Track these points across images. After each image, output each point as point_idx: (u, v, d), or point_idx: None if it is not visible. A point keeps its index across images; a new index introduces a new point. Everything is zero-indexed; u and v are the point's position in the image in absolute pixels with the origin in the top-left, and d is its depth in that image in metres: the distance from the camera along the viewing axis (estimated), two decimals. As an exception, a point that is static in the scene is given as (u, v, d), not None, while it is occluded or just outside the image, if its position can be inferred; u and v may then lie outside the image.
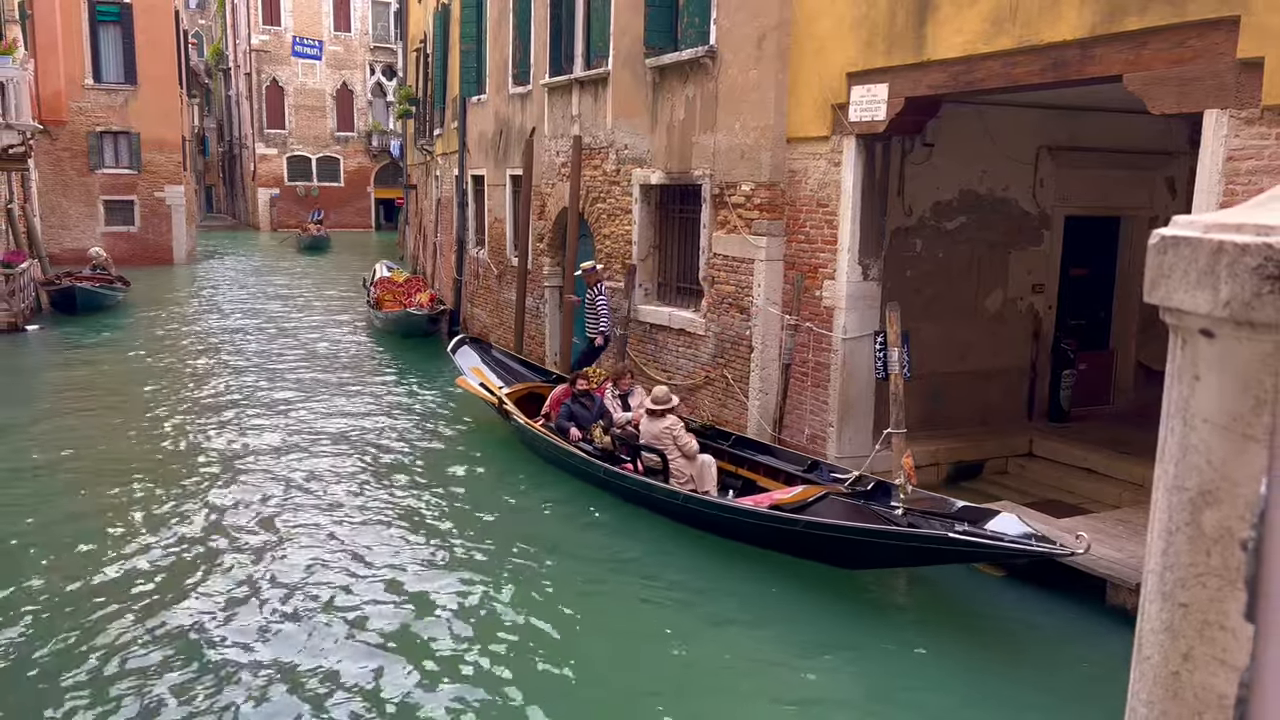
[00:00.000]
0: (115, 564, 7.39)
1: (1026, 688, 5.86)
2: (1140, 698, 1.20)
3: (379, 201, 49.26)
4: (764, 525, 7.32)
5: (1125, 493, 8.32)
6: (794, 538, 7.12)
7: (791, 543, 7.19)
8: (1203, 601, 1.07)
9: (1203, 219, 1.12)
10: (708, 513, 7.85)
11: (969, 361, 9.73)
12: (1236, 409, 1.03)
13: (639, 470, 8.68)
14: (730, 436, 9.35)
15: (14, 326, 17.61)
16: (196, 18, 54.46)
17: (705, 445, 8.89)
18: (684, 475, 8.39)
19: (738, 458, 9.00)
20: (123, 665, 5.85)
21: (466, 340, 13.15)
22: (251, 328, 19.65)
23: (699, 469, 8.45)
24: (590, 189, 12.70)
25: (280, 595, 6.89)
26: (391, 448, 10.86)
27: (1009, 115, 9.23)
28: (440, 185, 22.03)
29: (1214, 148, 5.64)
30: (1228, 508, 1.04)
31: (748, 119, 9.49)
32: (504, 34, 15.70)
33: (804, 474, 8.30)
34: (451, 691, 5.67)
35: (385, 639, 6.28)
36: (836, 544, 6.97)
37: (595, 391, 9.89)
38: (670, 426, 8.49)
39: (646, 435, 8.65)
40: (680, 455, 8.44)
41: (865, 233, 8.61)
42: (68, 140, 28.53)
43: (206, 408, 12.62)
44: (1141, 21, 5.99)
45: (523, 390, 11.24)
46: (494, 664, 6.02)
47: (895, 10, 7.82)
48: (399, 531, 8.26)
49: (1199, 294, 1.06)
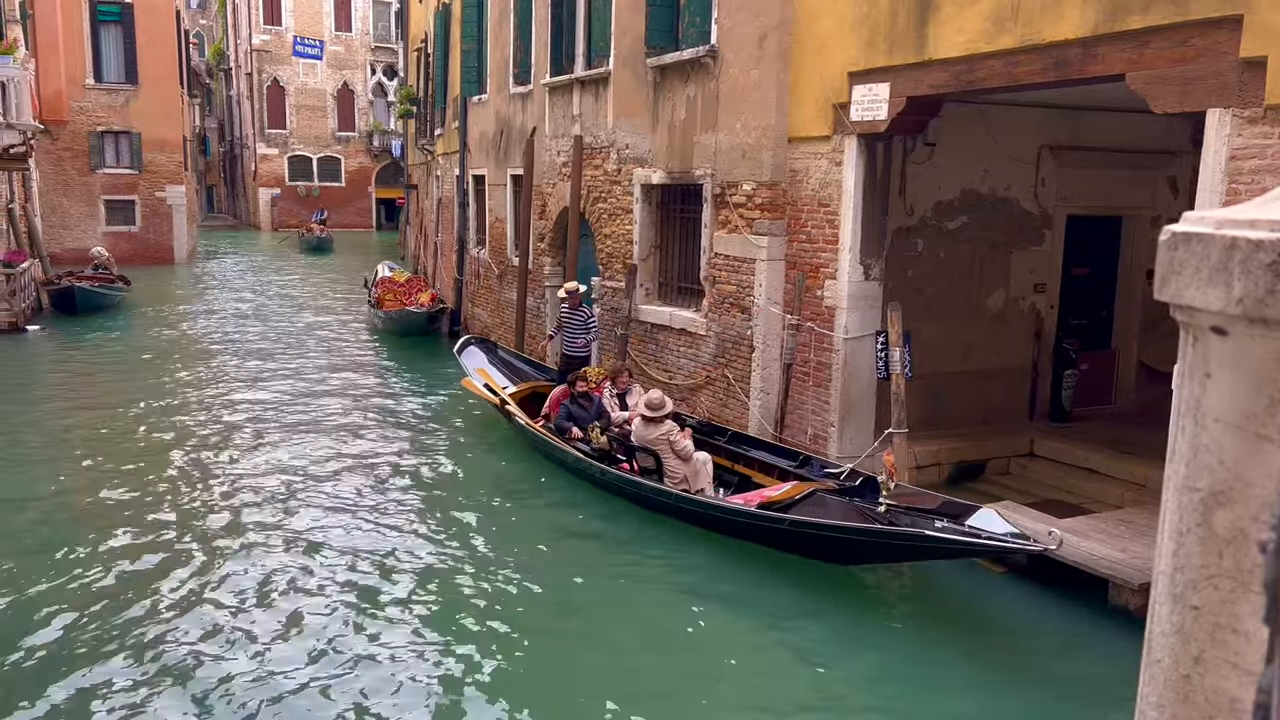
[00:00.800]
0: (116, 564, 7.37)
1: (1028, 687, 5.84)
2: (1150, 701, 1.18)
3: (380, 201, 49.23)
4: (753, 524, 7.44)
5: (1127, 493, 8.30)
6: (782, 535, 7.24)
7: (780, 540, 7.32)
8: (1215, 604, 1.05)
9: (1214, 214, 1.10)
10: (700, 512, 7.95)
11: (970, 361, 9.71)
12: (1250, 408, 1.01)
13: (634, 470, 8.73)
14: (726, 433, 9.41)
15: (15, 326, 17.60)
16: (197, 17, 54.48)
17: (701, 442, 8.94)
18: (678, 475, 8.43)
19: (734, 454, 9.05)
20: (122, 664, 5.84)
21: (473, 341, 13.20)
22: (251, 327, 19.64)
23: (695, 467, 8.47)
24: (591, 189, 12.69)
25: (279, 587, 6.92)
26: (391, 445, 10.87)
27: (1011, 114, 9.21)
28: (441, 185, 22.02)
29: (1217, 147, 5.62)
30: (1241, 509, 1.02)
31: (749, 118, 9.48)
32: (505, 33, 15.69)
33: (796, 469, 8.39)
34: (441, 674, 5.67)
35: (366, 623, 6.27)
36: (821, 541, 7.09)
37: (594, 391, 9.96)
38: (666, 433, 8.51)
39: (641, 439, 8.66)
40: (676, 457, 8.46)
41: (867, 232, 8.59)
42: (69, 140, 28.52)
43: (206, 406, 12.60)
44: (1144, 20, 5.97)
45: (526, 390, 11.31)
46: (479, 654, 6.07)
47: (897, 9, 7.80)
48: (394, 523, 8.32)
49: (1211, 291, 1.04)
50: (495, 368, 12.14)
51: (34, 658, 5.90)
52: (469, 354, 12.47)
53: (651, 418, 8.55)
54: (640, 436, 8.68)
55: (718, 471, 8.76)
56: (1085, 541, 6.99)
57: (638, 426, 8.75)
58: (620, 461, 8.98)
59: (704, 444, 8.95)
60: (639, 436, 8.70)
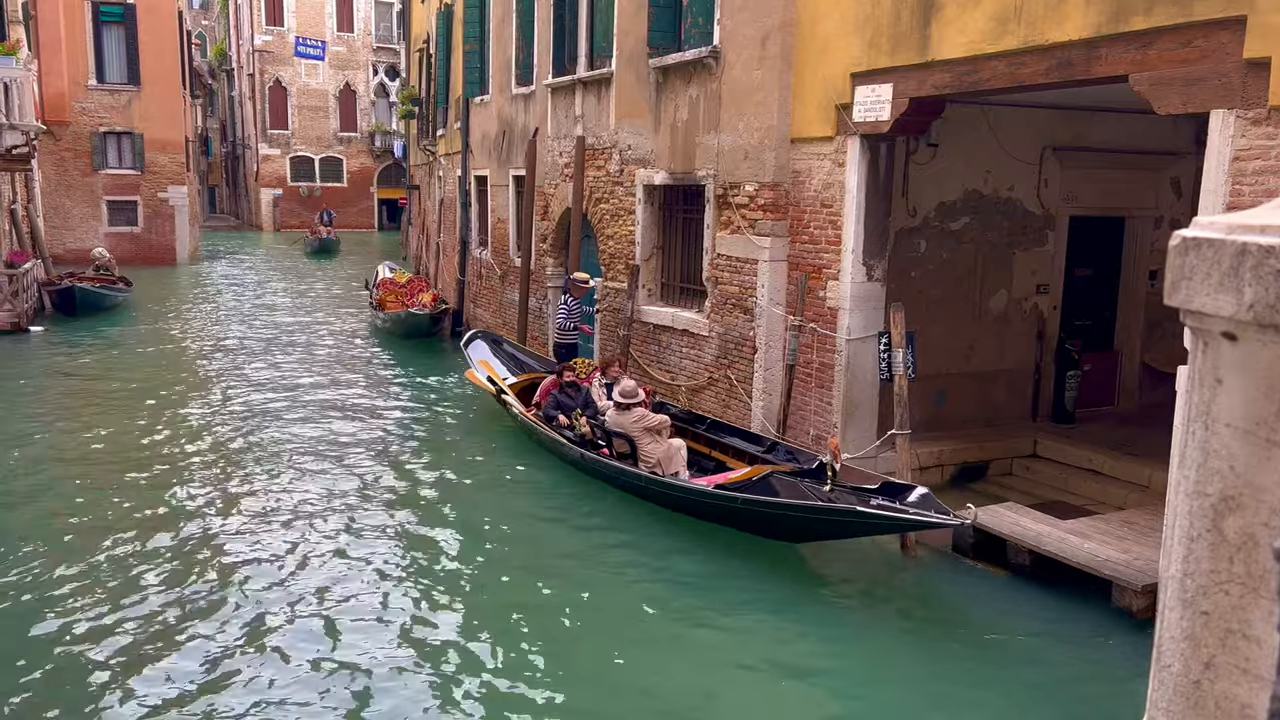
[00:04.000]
0: (119, 562, 7.38)
1: (1029, 688, 5.83)
2: (1160, 706, 1.18)
3: (382, 202, 49.20)
4: (710, 503, 7.97)
5: (1130, 494, 8.30)
6: (736, 514, 7.78)
7: (735, 519, 7.83)
8: (1225, 609, 1.05)
9: (1224, 220, 1.10)
10: (665, 492, 8.47)
11: (973, 362, 9.71)
12: (1261, 413, 1.01)
13: (613, 455, 9.21)
14: (705, 421, 9.80)
15: (17, 327, 17.61)
16: (200, 18, 54.49)
17: (680, 429, 9.49)
18: (652, 459, 8.86)
19: (711, 441, 9.49)
20: (120, 660, 5.84)
21: (479, 335, 13.63)
22: (253, 328, 19.65)
23: (669, 451, 8.91)
24: (593, 189, 12.69)
25: (277, 579, 7.01)
26: (389, 441, 10.99)
27: (1014, 115, 9.21)
28: (443, 186, 22.02)
29: (1220, 148, 5.62)
30: (1251, 514, 1.02)
31: (751, 119, 9.47)
32: (507, 34, 15.69)
33: (764, 454, 8.79)
34: (429, 648, 5.69)
35: (351, 570, 6.33)
36: (767, 519, 7.57)
37: (583, 382, 10.48)
38: (638, 419, 8.97)
39: (616, 425, 9.13)
40: (651, 440, 8.91)
41: (869, 233, 8.58)
42: (71, 141, 28.53)
43: (208, 406, 12.61)
44: (1147, 21, 5.96)
45: (526, 381, 11.70)
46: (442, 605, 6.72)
47: (899, 10, 7.79)
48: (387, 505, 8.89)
49: (1221, 296, 1.04)
50: (498, 360, 12.64)
51: (32, 658, 5.91)
52: (474, 347, 12.93)
53: (623, 404, 9.03)
54: (615, 422, 9.13)
55: (695, 457, 9.22)
56: (1088, 543, 6.99)
57: (611, 413, 9.27)
58: (601, 446, 9.47)
59: (683, 431, 9.47)
60: (614, 422, 9.17)
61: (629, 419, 8.99)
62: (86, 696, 5.53)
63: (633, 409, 9.00)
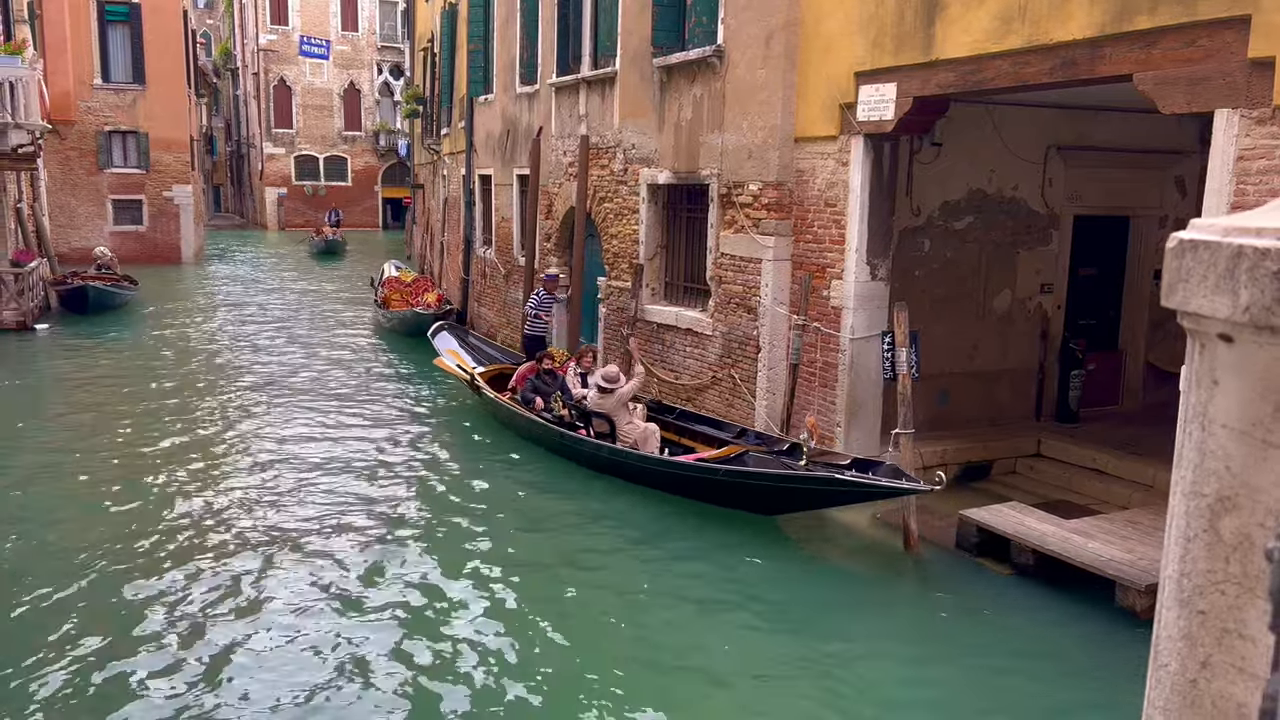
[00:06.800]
0: (121, 563, 7.40)
1: (1031, 689, 5.83)
2: (1156, 705, 1.18)
3: (386, 201, 49.24)
4: (692, 476, 8.36)
5: (1134, 493, 8.29)
6: (716, 486, 8.18)
7: (716, 492, 8.22)
8: (1221, 609, 1.06)
9: (1221, 222, 1.10)
10: (647, 468, 8.84)
11: (977, 362, 9.70)
12: (1257, 415, 1.02)
13: (590, 434, 9.68)
14: (675, 410, 10.27)
15: (23, 326, 17.66)
16: (204, 17, 54.55)
17: (651, 416, 9.95)
18: (629, 439, 9.31)
19: (681, 429, 9.94)
20: (120, 658, 5.87)
21: (445, 327, 14.56)
22: (258, 326, 19.68)
23: (643, 435, 9.36)
24: (597, 189, 12.70)
25: (276, 572, 7.05)
26: (389, 438, 11.04)
27: (1018, 114, 9.20)
28: (447, 185, 22.04)
29: (1224, 147, 5.61)
30: (1247, 515, 1.03)
31: (755, 118, 9.47)
32: (511, 33, 15.70)
33: (734, 439, 9.18)
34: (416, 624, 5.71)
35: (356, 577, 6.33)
36: (748, 490, 8.00)
37: (559, 370, 11.00)
38: (619, 397, 9.49)
39: (598, 406, 9.59)
40: (628, 420, 9.46)
41: (873, 232, 8.58)
42: (76, 140, 28.58)
43: (214, 403, 12.65)
44: (1152, 21, 5.96)
45: (494, 370, 12.39)
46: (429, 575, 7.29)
47: (903, 10, 7.79)
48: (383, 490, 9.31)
49: (1218, 298, 1.04)
50: (465, 350, 13.41)
51: (30, 657, 5.93)
52: (441, 338, 13.82)
53: (607, 389, 9.48)
54: (598, 404, 9.60)
55: (667, 443, 9.63)
56: (1092, 542, 6.98)
57: (593, 396, 9.74)
58: (578, 428, 9.93)
59: (653, 419, 9.91)
60: (596, 404, 9.64)
61: (612, 400, 9.48)
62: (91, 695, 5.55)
63: (615, 391, 9.49)
